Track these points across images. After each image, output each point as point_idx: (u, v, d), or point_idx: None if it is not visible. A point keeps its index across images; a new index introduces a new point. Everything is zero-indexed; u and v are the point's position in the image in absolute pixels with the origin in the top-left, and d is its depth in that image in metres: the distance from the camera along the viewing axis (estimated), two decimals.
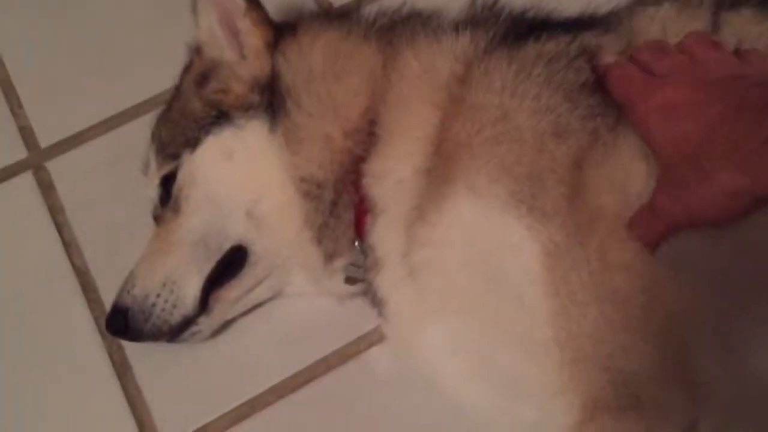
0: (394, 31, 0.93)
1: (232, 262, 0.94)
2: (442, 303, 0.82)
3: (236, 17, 0.95)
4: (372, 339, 0.98)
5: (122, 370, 1.00)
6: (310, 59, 0.92)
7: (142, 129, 1.06)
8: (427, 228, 0.81)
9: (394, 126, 0.86)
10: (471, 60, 0.85)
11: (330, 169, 0.89)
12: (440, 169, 0.81)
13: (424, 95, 0.85)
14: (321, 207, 0.90)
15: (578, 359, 0.74)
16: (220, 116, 0.93)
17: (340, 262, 0.93)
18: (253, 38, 0.94)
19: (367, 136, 0.88)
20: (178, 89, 1.01)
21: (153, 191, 0.98)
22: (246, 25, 0.94)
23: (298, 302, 1.01)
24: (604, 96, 0.78)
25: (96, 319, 1.03)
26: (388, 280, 0.87)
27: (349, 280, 0.94)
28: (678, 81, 0.74)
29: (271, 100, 0.92)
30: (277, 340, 1.00)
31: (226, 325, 1.00)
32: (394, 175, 0.85)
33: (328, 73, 0.90)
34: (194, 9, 0.98)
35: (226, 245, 0.94)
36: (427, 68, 0.87)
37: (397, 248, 0.84)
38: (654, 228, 0.72)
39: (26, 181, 1.15)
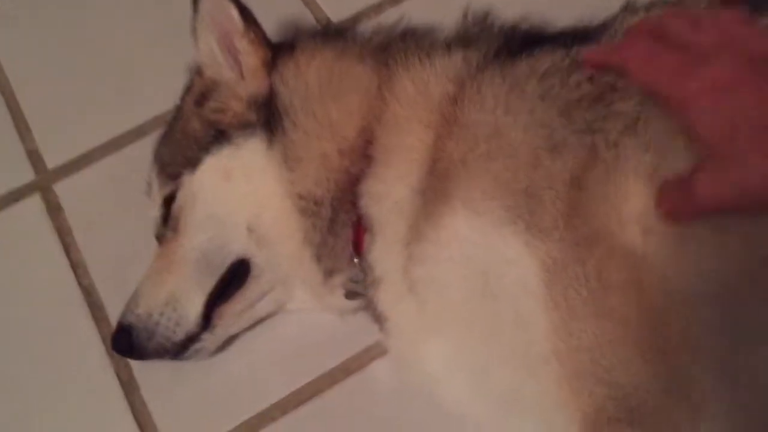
0: (389, 50, 0.93)
1: (235, 276, 0.95)
2: (441, 319, 0.82)
3: (234, 38, 0.96)
4: (375, 352, 0.99)
5: (129, 388, 1.01)
6: (306, 78, 0.93)
7: (148, 148, 1.07)
8: (424, 245, 0.81)
9: (390, 147, 0.87)
10: (463, 79, 0.85)
11: (327, 187, 0.90)
12: (436, 189, 0.82)
13: (419, 117, 0.86)
14: (319, 224, 0.91)
15: (578, 373, 0.73)
16: (219, 136, 0.94)
17: (339, 278, 0.94)
18: (251, 58, 0.95)
19: (363, 156, 0.89)
20: (179, 110, 1.02)
21: (155, 211, 0.99)
22: (243, 45, 0.95)
23: (301, 317, 1.01)
24: (604, 110, 0.77)
25: (103, 339, 1.04)
26: (388, 297, 0.88)
27: (350, 295, 0.95)
28: (723, 59, 0.70)
29: (268, 117, 0.93)
30: (281, 355, 1.00)
31: (230, 341, 1.01)
32: (390, 196, 0.86)
33: (323, 93, 0.91)
34: (194, 30, 0.99)
35: (228, 260, 0.95)
36: (420, 90, 0.87)
37: (395, 266, 0.85)
38: (686, 208, 0.70)
39: (34, 203, 1.17)
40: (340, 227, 0.91)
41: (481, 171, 0.78)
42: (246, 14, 0.96)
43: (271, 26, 1.02)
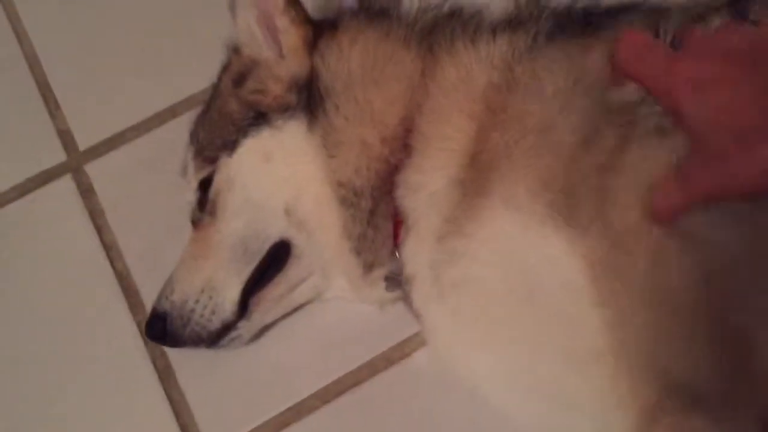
0: (434, 34, 0.90)
1: (274, 260, 0.93)
2: (479, 322, 0.80)
3: (274, 16, 0.92)
4: (417, 342, 0.96)
5: (165, 375, 0.99)
6: (349, 62, 0.89)
7: (180, 129, 1.05)
8: (463, 241, 0.79)
9: (430, 137, 0.84)
10: (511, 65, 0.82)
11: (366, 176, 0.88)
12: (476, 181, 0.79)
13: (462, 106, 0.83)
14: (359, 216, 0.89)
15: (634, 367, 0.71)
16: (258, 118, 0.91)
17: (379, 272, 0.91)
18: (292, 37, 0.92)
19: (403, 145, 0.86)
20: (216, 89, 0.99)
21: (191, 195, 0.96)
22: (284, 23, 0.92)
23: (340, 305, 0.98)
24: (644, 102, 0.75)
25: (138, 323, 1.02)
26: (420, 297, 0.86)
27: (391, 287, 0.92)
28: (705, 51, 0.71)
29: (309, 100, 0.90)
30: (321, 344, 0.98)
31: (267, 329, 0.98)
32: (427, 187, 0.84)
33: (366, 78, 0.88)
34: (232, 8, 0.95)
35: (267, 245, 0.92)
36: (464, 78, 0.84)
37: (427, 264, 0.83)
38: (677, 198, 0.69)
39: (66, 184, 1.14)
40: (381, 220, 0.88)
41: (527, 166, 0.76)
42: None
43: (312, 7, 0.98)
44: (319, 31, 0.93)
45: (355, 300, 0.96)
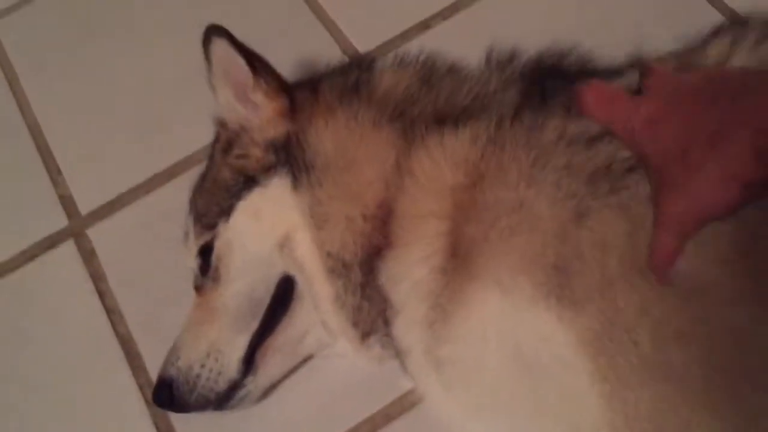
0: (405, 116, 0.91)
1: (281, 302, 0.94)
2: (474, 398, 0.81)
3: (247, 90, 0.96)
4: (416, 397, 0.96)
5: None
6: (324, 143, 0.91)
7: (179, 189, 1.08)
8: (451, 325, 0.80)
9: (407, 228, 0.85)
10: (476, 162, 0.82)
11: (353, 251, 0.89)
12: (459, 268, 0.80)
13: (431, 207, 0.83)
14: (350, 287, 0.90)
15: None
16: (248, 181, 0.94)
17: (376, 338, 0.92)
18: (266, 110, 0.96)
19: (384, 227, 0.87)
20: (211, 160, 1.02)
21: (192, 261, 0.98)
22: (258, 98, 0.95)
23: (339, 362, 0.99)
24: (633, 168, 0.76)
25: (140, 387, 1.04)
26: (415, 369, 0.87)
27: (387, 346, 0.93)
28: (663, 92, 0.75)
29: (288, 158, 0.92)
30: (320, 402, 0.99)
31: (273, 388, 0.99)
32: (409, 278, 0.84)
33: (340, 161, 0.90)
34: (211, 86, 1.00)
35: (272, 285, 0.94)
36: (433, 176, 0.85)
37: (419, 345, 0.84)
38: (667, 240, 0.71)
39: (68, 248, 1.16)
40: (373, 291, 0.89)
41: (506, 246, 0.77)
42: (256, 63, 0.95)
43: (297, 56, 0.99)
44: (299, 94, 0.96)
45: (355, 358, 0.97)
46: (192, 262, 0.98)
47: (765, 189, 0.68)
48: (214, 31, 0.95)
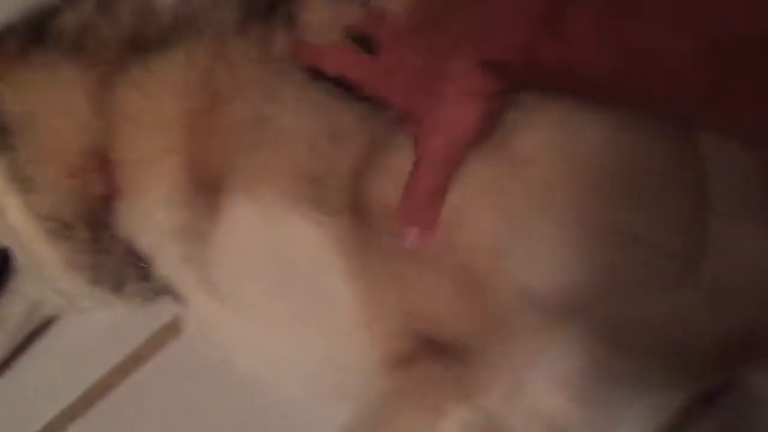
0: (93, 54, 0.80)
1: None
2: (242, 306, 0.78)
3: None
4: (167, 334, 0.91)
5: None
6: (11, 104, 0.79)
7: None
8: (214, 249, 0.75)
9: (134, 173, 0.78)
10: (200, 81, 0.76)
11: (72, 210, 0.80)
12: (210, 195, 0.75)
13: (157, 144, 0.76)
14: (80, 247, 0.81)
15: (387, 333, 0.73)
16: None
17: (132, 286, 0.85)
18: None
19: (101, 176, 0.78)
20: None
21: None
22: None
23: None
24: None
25: None
26: (194, 301, 0.82)
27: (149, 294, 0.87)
28: (390, 41, 0.72)
29: None
30: (64, 360, 0.91)
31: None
32: (152, 223, 0.78)
33: (27, 120, 0.79)
34: None
35: None
36: (146, 110, 0.77)
37: (189, 277, 0.78)
38: (429, 178, 0.69)
39: None
40: (114, 244, 0.81)
41: (251, 162, 0.73)
42: None
43: None
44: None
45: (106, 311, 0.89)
46: None
47: (508, 93, 0.67)
48: None
